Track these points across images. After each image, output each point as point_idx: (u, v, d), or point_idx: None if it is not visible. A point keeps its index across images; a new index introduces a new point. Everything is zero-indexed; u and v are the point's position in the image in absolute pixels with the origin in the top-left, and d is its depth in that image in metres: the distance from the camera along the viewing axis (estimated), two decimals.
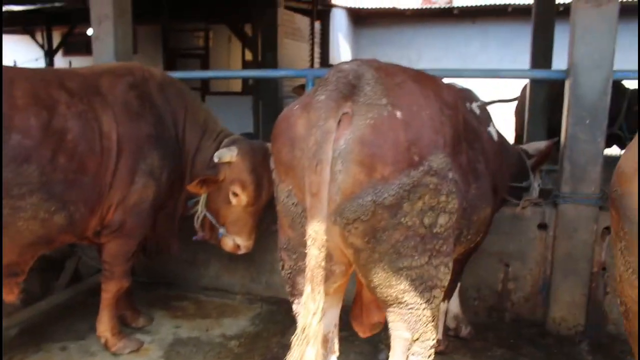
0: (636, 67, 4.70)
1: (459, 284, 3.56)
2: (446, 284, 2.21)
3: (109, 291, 3.49)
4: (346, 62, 2.24)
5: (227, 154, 3.53)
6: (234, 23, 10.35)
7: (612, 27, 3.63)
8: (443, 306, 3.35)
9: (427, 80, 2.30)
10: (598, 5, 3.61)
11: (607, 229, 3.69)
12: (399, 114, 1.99)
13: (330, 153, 1.92)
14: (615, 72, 3.72)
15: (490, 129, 2.99)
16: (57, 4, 7.65)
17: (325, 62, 12.41)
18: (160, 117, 3.49)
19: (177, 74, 4.36)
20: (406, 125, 1.99)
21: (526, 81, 7.83)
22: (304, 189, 1.98)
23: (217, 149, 3.65)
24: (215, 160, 3.53)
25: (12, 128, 2.77)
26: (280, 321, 4.01)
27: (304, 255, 1.98)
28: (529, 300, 4.03)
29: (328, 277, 2.16)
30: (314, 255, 1.96)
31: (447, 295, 3.34)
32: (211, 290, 4.63)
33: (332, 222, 2.00)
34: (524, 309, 4.05)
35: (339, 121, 1.97)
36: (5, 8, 8.39)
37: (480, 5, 14.20)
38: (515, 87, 8.45)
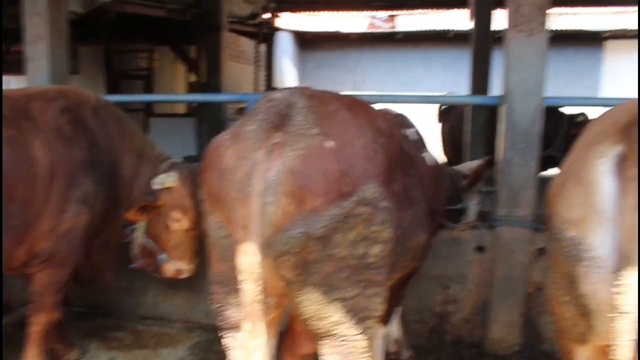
0: (568, 94, 4.91)
1: (400, 308, 3.57)
2: (380, 313, 2.19)
3: (38, 324, 3.31)
4: (278, 91, 2.22)
5: (167, 180, 3.47)
6: (178, 45, 10.25)
7: (543, 55, 3.77)
8: (383, 330, 3.35)
9: (360, 108, 2.30)
10: (529, 35, 3.74)
11: (541, 250, 3.80)
12: (330, 143, 1.97)
13: (259, 185, 1.88)
14: (548, 98, 3.86)
15: (425, 154, 3.03)
16: None
17: (270, 85, 12.43)
18: (95, 142, 3.38)
19: (118, 98, 4.27)
20: (338, 155, 1.97)
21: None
22: (233, 221, 1.94)
23: (155, 174, 3.57)
24: (156, 186, 3.46)
25: None
26: (220, 350, 3.90)
27: (235, 289, 1.94)
28: (468, 321, 4.08)
29: (264, 310, 2.11)
30: (250, 290, 1.92)
31: (386, 320, 3.34)
32: (149, 319, 4.48)
33: (263, 255, 1.96)
34: (464, 331, 4.10)
35: (269, 152, 1.94)
36: None
37: (423, 31, 14.57)
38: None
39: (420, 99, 4.83)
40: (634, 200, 1.66)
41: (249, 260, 1.89)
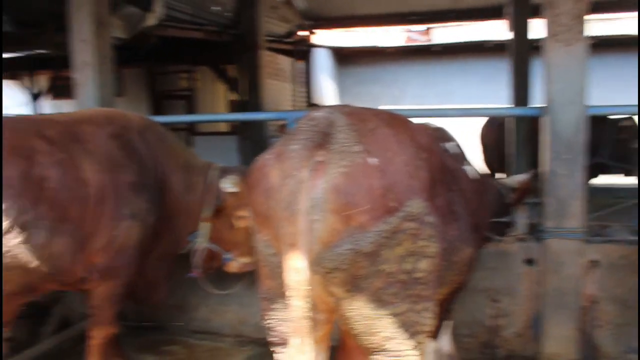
0: (615, 101, 4.81)
1: (451, 322, 3.53)
2: (431, 328, 2.18)
3: (97, 337, 3.44)
4: (318, 109, 2.25)
5: (234, 182, 3.63)
6: (217, 65, 10.47)
7: (583, 64, 3.71)
8: (433, 345, 3.32)
9: (400, 124, 2.31)
10: (568, 44, 3.69)
11: (594, 262, 3.71)
12: (373, 160, 1.99)
13: (305, 202, 1.91)
14: (591, 107, 3.78)
15: (467, 167, 3.01)
16: (42, 51, 7.75)
17: (309, 101, 12.54)
18: (142, 163, 3.50)
19: (163, 119, 4.41)
20: (381, 171, 1.99)
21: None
22: (281, 239, 1.97)
23: (207, 181, 3.77)
24: (228, 189, 3.65)
25: None
26: None
27: (284, 305, 1.96)
28: (520, 335, 4.00)
29: (313, 326, 2.13)
30: (298, 307, 1.94)
31: (436, 335, 3.31)
32: (202, 334, 4.59)
33: (311, 271, 1.98)
34: (517, 345, 4.01)
35: (313, 170, 1.97)
36: None
37: (460, 42, 14.44)
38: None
39: (459, 112, 4.77)
40: None
41: (297, 277, 1.91)
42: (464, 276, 2.86)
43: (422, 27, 14.26)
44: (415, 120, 2.65)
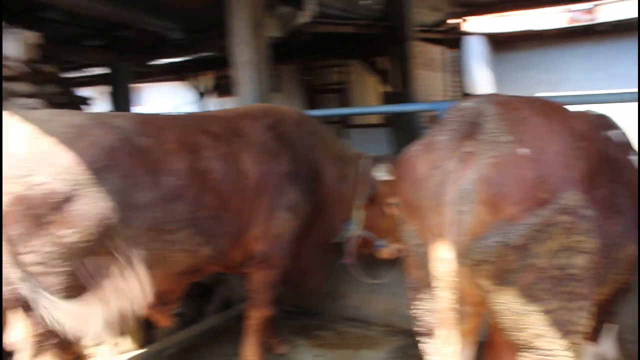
0: None
1: (615, 326, 3.27)
2: (586, 329, 2.05)
3: (254, 318, 3.70)
4: (467, 99, 2.21)
5: (386, 170, 3.78)
6: (368, 58, 10.57)
7: None
8: (593, 349, 3.10)
9: (554, 112, 2.20)
10: None
11: None
12: (524, 150, 1.92)
13: (453, 193, 1.90)
14: None
15: (633, 157, 2.76)
16: (206, 54, 8.41)
17: (461, 91, 12.19)
18: (297, 154, 3.68)
19: (316, 112, 4.60)
20: (532, 161, 1.91)
21: None
22: (428, 229, 1.97)
23: (357, 172, 3.91)
24: (381, 177, 3.80)
25: (164, 171, 3.06)
26: (418, 355, 3.95)
27: (430, 296, 1.97)
28: None
29: (460, 319, 2.12)
30: (444, 298, 1.94)
31: (596, 338, 3.09)
32: (352, 321, 4.72)
33: (459, 263, 1.97)
34: None
35: (462, 160, 1.94)
36: (166, 60, 9.39)
37: (629, 19, 13.02)
38: None
39: (628, 97, 4.33)
40: None
41: (444, 268, 1.91)
42: (628, 276, 2.63)
43: (586, 5, 13.13)
44: (578, 108, 2.49)
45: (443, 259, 1.90)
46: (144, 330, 3.93)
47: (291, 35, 6.09)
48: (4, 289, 2.62)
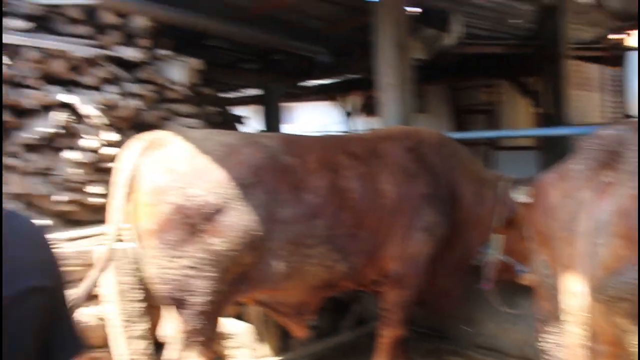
0: None
1: None
2: None
3: (386, 337, 3.74)
4: (608, 127, 2.11)
5: (527, 192, 3.64)
6: (518, 78, 10.18)
7: None
8: None
9: None
10: None
11: None
12: None
13: (587, 225, 1.82)
14: None
15: None
16: (354, 76, 8.67)
17: (622, 112, 11.25)
18: (435, 177, 3.70)
19: (462, 135, 4.55)
20: None
21: None
22: (558, 260, 1.91)
23: (496, 194, 3.78)
24: (521, 200, 3.61)
25: (305, 189, 3.24)
26: None
27: (560, 330, 1.89)
28: None
29: (592, 357, 2.01)
30: (574, 334, 1.87)
31: None
32: (485, 349, 4.55)
33: (592, 298, 1.88)
34: None
35: (599, 191, 1.86)
36: (316, 82, 9.85)
37: None
38: None
39: None
40: None
41: (575, 302, 1.84)
42: None
43: None
44: None
45: (574, 293, 1.82)
46: (281, 338, 4.15)
47: (437, 56, 6.11)
48: (161, 287, 2.95)
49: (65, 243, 3.60)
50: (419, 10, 5.75)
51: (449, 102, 12.20)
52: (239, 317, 4.29)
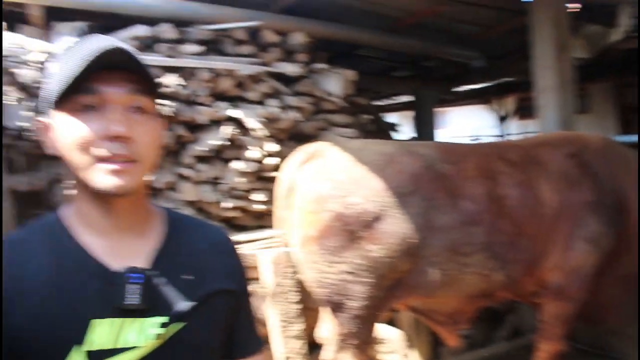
0: None
1: None
2: None
3: (543, 351, 3.58)
4: None
5: None
6: None
7: None
8: None
9: None
10: None
11: None
12: None
13: None
14: None
15: None
16: (509, 79, 8.36)
17: None
18: (600, 184, 3.48)
19: (626, 138, 4.23)
20: None
21: None
22: None
23: None
24: None
25: (463, 196, 3.23)
26: None
27: None
28: None
29: None
30: None
31: None
32: None
33: None
34: None
35: None
36: (470, 87, 9.67)
37: None
38: None
39: None
40: None
41: None
42: None
43: None
44: None
45: None
46: (432, 346, 4.14)
47: (602, 52, 5.71)
48: (320, 290, 3.10)
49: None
50: (579, 6, 5.41)
51: (614, 101, 11.30)
52: (391, 323, 4.36)
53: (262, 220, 4.58)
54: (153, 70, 1.10)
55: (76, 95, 1.06)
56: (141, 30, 4.06)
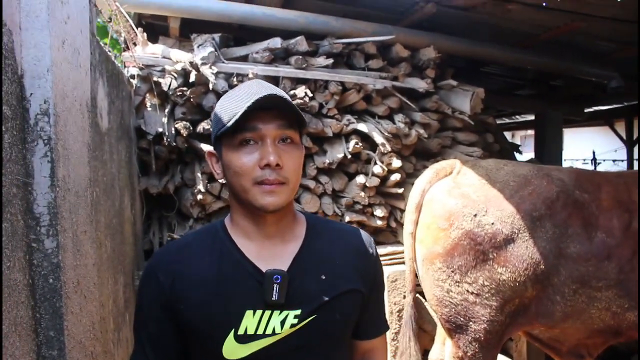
0: None
1: None
2: None
3: None
4: None
5: None
6: None
7: None
8: None
9: None
10: None
11: None
12: None
13: None
14: None
15: None
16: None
17: None
18: None
19: None
20: None
21: None
22: None
23: None
24: None
25: (598, 227, 3.08)
26: None
27: None
28: None
29: None
30: None
31: None
32: None
33: None
34: None
35: None
36: (595, 108, 9.19)
37: None
38: None
39: None
40: None
41: None
42: None
43: None
44: None
45: None
46: None
47: None
48: (441, 309, 3.07)
49: None
50: None
51: None
52: (505, 351, 4.21)
53: (381, 235, 4.60)
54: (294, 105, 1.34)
55: (241, 132, 1.31)
56: (276, 42, 4.21)
